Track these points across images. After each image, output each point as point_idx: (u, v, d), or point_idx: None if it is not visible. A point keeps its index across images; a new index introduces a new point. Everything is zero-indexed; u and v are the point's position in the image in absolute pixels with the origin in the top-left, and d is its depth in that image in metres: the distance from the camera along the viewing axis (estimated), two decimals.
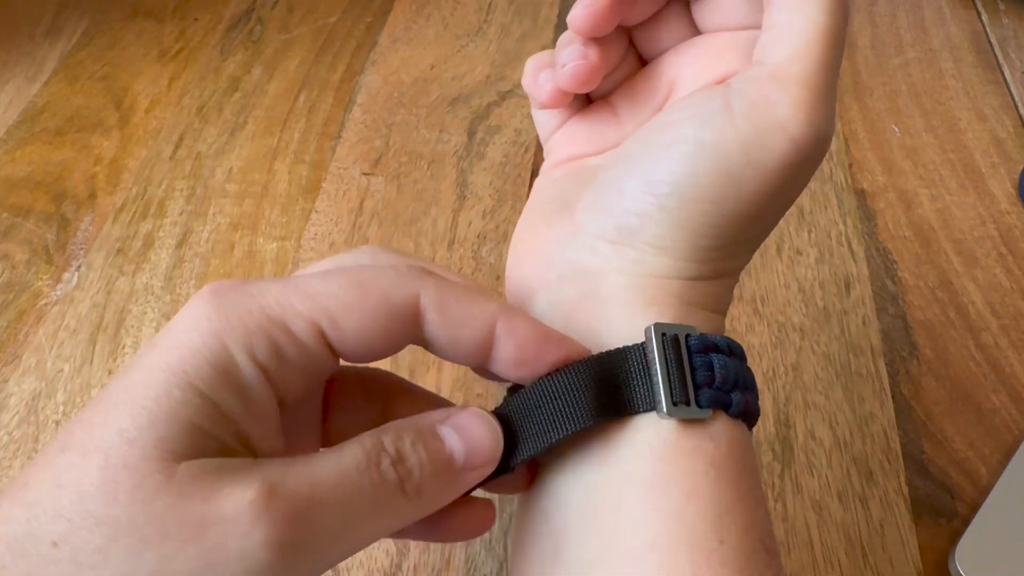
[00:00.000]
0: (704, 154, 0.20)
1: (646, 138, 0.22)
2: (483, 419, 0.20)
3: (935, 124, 0.51)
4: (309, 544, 0.16)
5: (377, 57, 0.56)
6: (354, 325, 0.18)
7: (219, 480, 0.16)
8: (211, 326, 0.17)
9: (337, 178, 0.48)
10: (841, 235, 0.45)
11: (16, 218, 0.47)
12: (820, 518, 0.34)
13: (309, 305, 0.18)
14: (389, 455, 0.18)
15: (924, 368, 0.39)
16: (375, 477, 0.17)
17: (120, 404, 0.16)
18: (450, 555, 0.33)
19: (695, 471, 0.19)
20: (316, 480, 0.17)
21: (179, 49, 0.57)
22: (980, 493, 0.35)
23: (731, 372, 0.21)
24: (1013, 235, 0.44)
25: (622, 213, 0.22)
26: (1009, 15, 0.58)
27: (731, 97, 0.21)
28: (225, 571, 0.15)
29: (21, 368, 0.40)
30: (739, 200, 0.21)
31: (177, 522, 0.15)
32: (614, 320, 0.21)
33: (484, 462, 0.19)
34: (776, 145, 0.20)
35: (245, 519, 0.15)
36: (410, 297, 0.19)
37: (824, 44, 0.20)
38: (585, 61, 0.23)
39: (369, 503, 0.17)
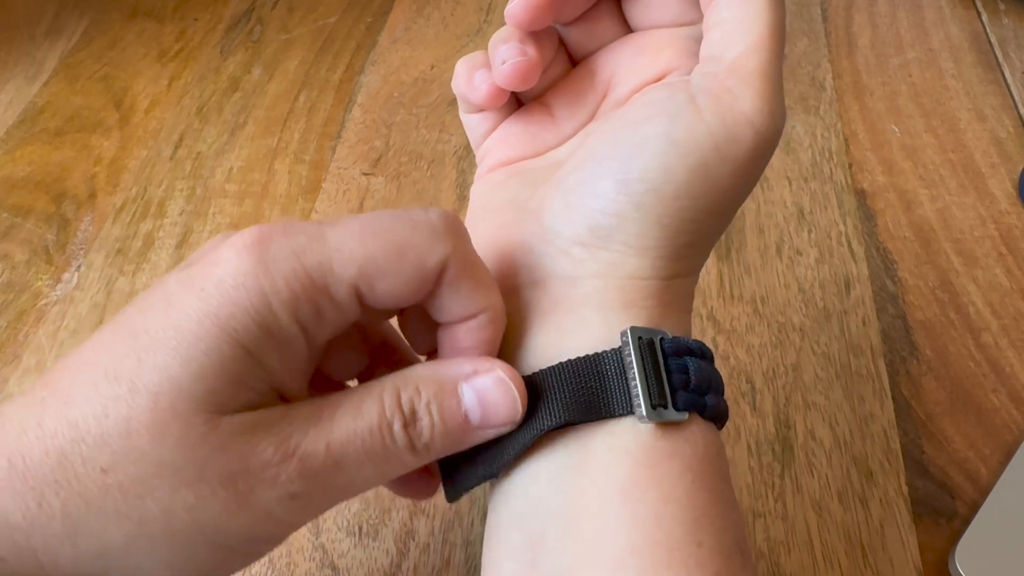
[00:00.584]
0: (677, 150, 0.20)
1: (614, 138, 0.22)
2: (506, 387, 0.20)
3: (935, 124, 0.51)
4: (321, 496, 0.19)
5: (377, 57, 0.56)
6: (389, 288, 0.19)
7: (252, 438, 0.18)
8: (259, 285, 0.18)
9: (337, 178, 0.48)
10: (841, 235, 0.45)
11: (16, 218, 0.47)
12: (820, 518, 0.34)
13: (352, 271, 0.18)
14: (403, 416, 0.19)
15: (924, 368, 0.39)
16: (387, 438, 0.19)
17: (170, 348, 0.17)
18: (450, 555, 0.33)
19: (672, 475, 0.19)
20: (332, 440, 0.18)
21: (179, 49, 0.57)
22: (980, 493, 0.35)
23: (705, 375, 0.21)
24: (1013, 235, 0.44)
25: (596, 214, 0.21)
26: (1009, 15, 0.58)
27: (695, 93, 0.21)
28: (250, 513, 0.18)
29: (21, 368, 0.40)
30: (712, 193, 0.21)
31: (212, 470, 0.17)
32: (590, 324, 0.21)
33: (499, 424, 0.20)
34: (744, 137, 0.21)
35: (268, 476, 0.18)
36: (441, 260, 0.19)
37: (774, 38, 0.21)
38: (524, 57, 0.23)
39: (379, 461, 0.19)
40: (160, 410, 0.17)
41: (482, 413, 0.20)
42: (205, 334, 0.17)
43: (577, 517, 0.19)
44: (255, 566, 0.33)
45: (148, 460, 0.17)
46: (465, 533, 0.34)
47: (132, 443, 0.17)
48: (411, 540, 0.34)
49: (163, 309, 0.18)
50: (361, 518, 0.34)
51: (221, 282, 0.18)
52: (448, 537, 0.34)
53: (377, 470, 0.19)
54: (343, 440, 0.19)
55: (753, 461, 0.36)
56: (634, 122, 0.22)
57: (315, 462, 0.18)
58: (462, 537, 0.34)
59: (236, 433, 0.18)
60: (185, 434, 0.17)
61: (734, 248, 0.44)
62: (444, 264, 0.19)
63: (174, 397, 0.17)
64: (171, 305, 0.18)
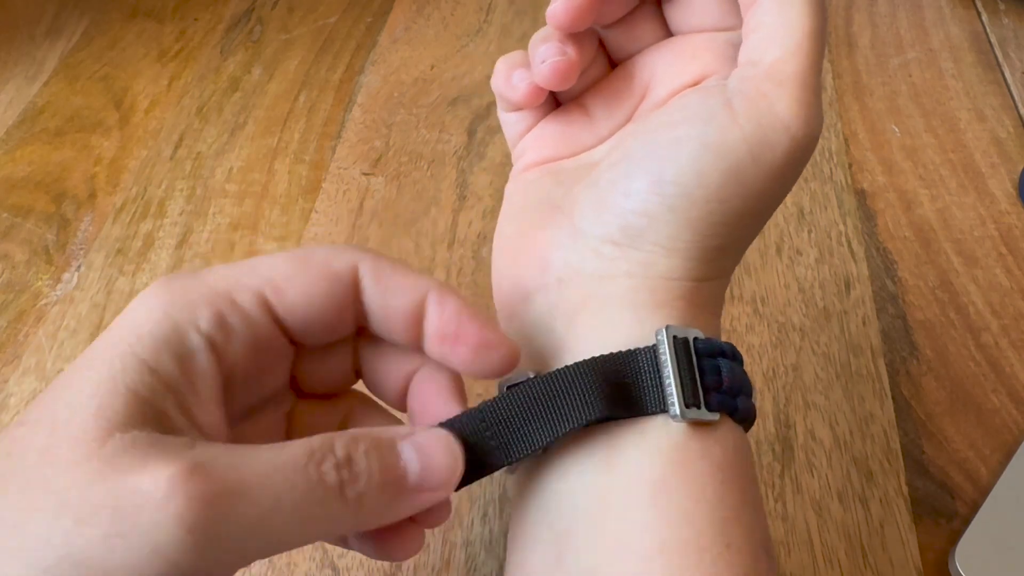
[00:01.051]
0: (710, 153, 0.20)
1: (649, 139, 0.22)
2: (447, 444, 0.19)
3: (935, 124, 0.51)
4: (225, 531, 0.16)
5: (377, 57, 0.56)
6: (297, 292, 0.19)
7: (148, 454, 0.16)
8: (157, 302, 0.18)
9: (337, 178, 0.48)
10: (841, 235, 0.45)
11: (16, 218, 0.47)
12: (820, 518, 0.34)
13: (253, 276, 0.19)
14: (336, 458, 0.17)
15: (924, 368, 0.39)
16: (312, 476, 0.17)
17: (72, 381, 0.17)
18: (450, 555, 0.33)
19: (703, 474, 0.19)
20: (246, 467, 0.16)
21: (179, 49, 0.57)
22: (980, 493, 0.35)
23: (737, 377, 0.21)
24: (1013, 235, 0.44)
25: (628, 214, 0.21)
26: (1009, 15, 0.58)
27: (731, 97, 0.21)
28: (134, 543, 0.15)
29: (21, 368, 0.40)
30: (745, 198, 0.21)
31: (95, 493, 0.15)
32: (622, 322, 0.21)
33: (437, 486, 0.19)
34: (779, 142, 0.20)
35: (160, 493, 0.15)
36: (349, 265, 0.19)
37: (813, 43, 0.21)
38: (564, 57, 0.23)
39: (300, 501, 0.17)
40: (55, 435, 0.16)
41: (421, 471, 0.18)
42: (98, 356, 0.17)
43: (605, 514, 0.19)
44: (255, 566, 0.33)
45: (34, 488, 0.16)
46: (465, 533, 0.34)
47: (24, 473, 0.16)
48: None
49: (79, 358, 0.18)
50: None
51: (125, 314, 0.18)
52: (448, 537, 0.34)
53: (302, 517, 0.17)
54: (260, 470, 0.16)
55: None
56: (669, 124, 0.22)
57: (220, 485, 0.15)
58: (462, 537, 0.34)
59: (128, 448, 0.16)
60: (72, 452, 0.16)
61: None
62: (353, 268, 0.19)
63: (67, 420, 0.16)
64: (86, 351, 0.18)
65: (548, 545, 0.20)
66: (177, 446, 0.16)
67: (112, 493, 0.15)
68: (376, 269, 0.20)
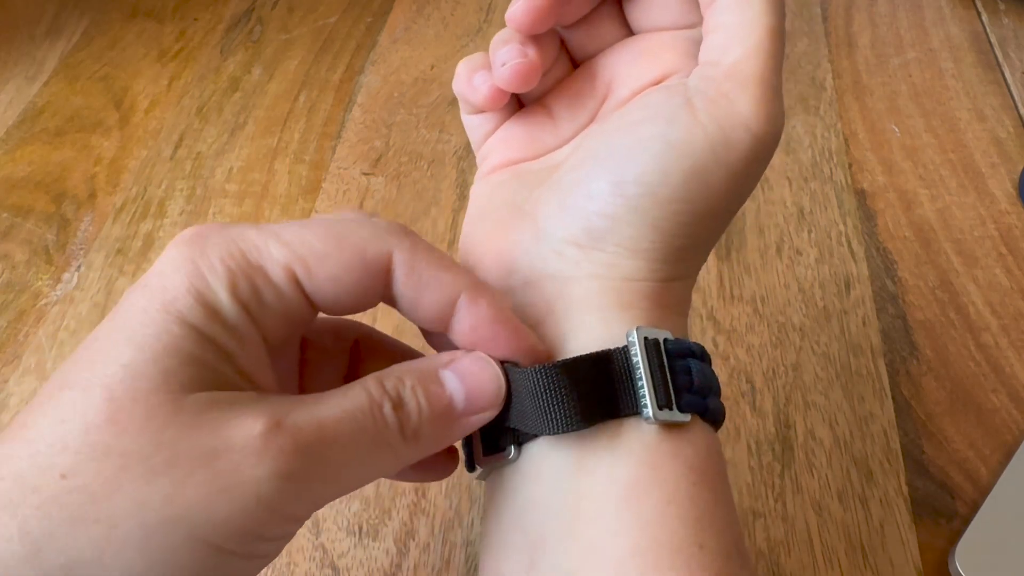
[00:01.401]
0: (673, 153, 0.21)
1: (610, 139, 0.22)
2: (487, 365, 0.20)
3: (935, 124, 0.51)
4: (313, 477, 0.17)
5: (377, 57, 0.56)
6: (327, 274, 0.18)
7: (227, 412, 0.16)
8: (196, 267, 0.17)
9: (337, 178, 0.48)
10: (841, 235, 0.45)
11: (16, 218, 0.47)
12: (820, 518, 0.34)
13: (286, 252, 0.18)
14: (390, 398, 0.18)
15: (924, 368, 0.39)
16: (378, 419, 0.18)
17: (119, 342, 0.17)
18: (450, 555, 0.33)
19: (675, 476, 0.19)
20: (322, 417, 0.17)
21: (179, 49, 0.57)
22: (980, 493, 0.35)
23: (707, 377, 0.21)
24: (1013, 235, 0.44)
25: (591, 216, 0.21)
26: (1009, 15, 0.58)
27: (692, 96, 0.21)
28: (238, 495, 0.16)
29: (21, 368, 0.40)
30: (708, 197, 0.21)
31: (187, 451, 0.16)
32: (588, 325, 0.21)
33: (485, 406, 0.20)
34: (741, 142, 0.21)
35: (254, 449, 0.16)
36: (383, 252, 0.19)
37: (772, 42, 0.21)
38: (525, 59, 0.23)
39: (371, 443, 0.18)
40: (116, 399, 0.16)
41: (466, 396, 0.19)
42: (151, 320, 0.17)
43: (578, 518, 0.19)
44: None
45: (113, 454, 0.15)
46: (465, 533, 0.34)
47: (93, 439, 0.16)
48: (411, 540, 0.34)
49: (112, 315, 0.17)
50: (361, 518, 0.34)
51: (161, 272, 0.18)
52: (448, 537, 0.34)
53: (371, 457, 0.18)
54: (334, 418, 0.17)
55: (753, 461, 0.36)
56: (631, 124, 0.22)
57: (306, 436, 0.17)
58: (462, 537, 0.34)
59: (206, 408, 0.16)
60: (148, 416, 0.16)
61: (734, 248, 0.44)
62: (388, 256, 0.19)
63: (130, 384, 0.16)
64: (119, 309, 0.17)
65: (521, 551, 0.20)
66: (251, 402, 0.17)
67: (206, 452, 0.16)
68: (411, 261, 0.19)
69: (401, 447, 0.19)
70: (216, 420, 0.16)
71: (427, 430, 0.19)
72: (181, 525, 0.16)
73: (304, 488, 0.17)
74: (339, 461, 0.17)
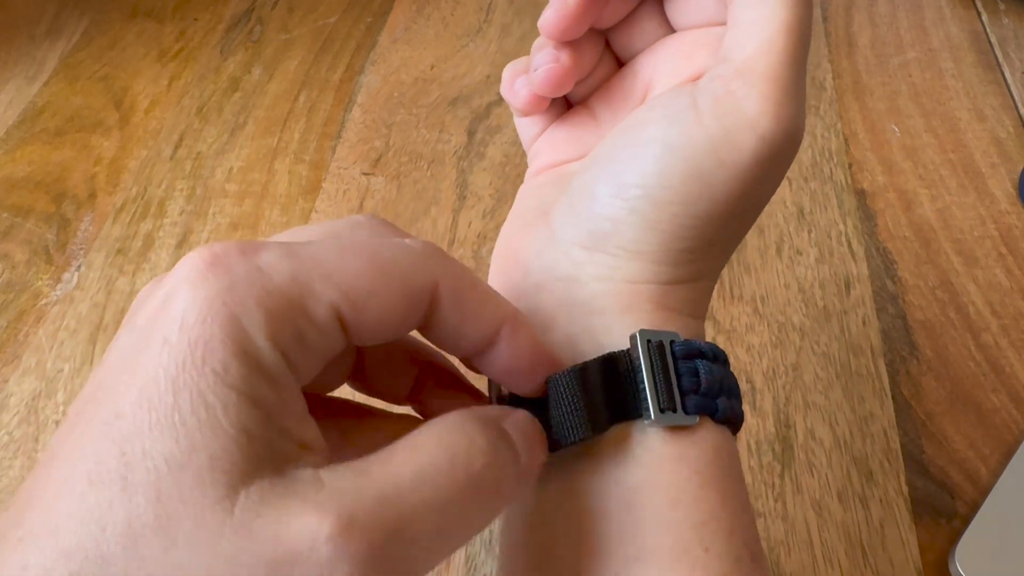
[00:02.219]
0: (673, 155, 0.20)
1: (614, 141, 0.22)
2: (536, 424, 0.19)
3: (935, 124, 0.51)
4: (398, 568, 0.15)
5: (377, 57, 0.56)
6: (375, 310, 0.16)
7: (285, 512, 0.14)
8: (227, 311, 0.14)
9: (337, 178, 0.48)
10: (841, 235, 0.45)
11: (16, 218, 0.47)
12: (820, 518, 0.34)
13: (330, 289, 0.16)
14: (470, 449, 0.16)
15: (924, 368, 0.39)
16: (460, 479, 0.15)
17: (151, 426, 0.14)
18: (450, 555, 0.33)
19: (680, 479, 0.19)
20: (396, 495, 0.15)
21: (179, 49, 0.57)
22: (980, 493, 0.35)
23: (716, 378, 0.20)
24: (1013, 235, 0.44)
25: (594, 218, 0.21)
26: (1009, 15, 0.58)
27: (697, 96, 0.21)
28: None
29: (21, 368, 0.40)
30: (711, 200, 0.20)
31: (248, 563, 0.13)
32: (592, 328, 0.21)
33: (535, 468, 0.18)
34: (745, 143, 0.20)
35: (324, 557, 0.13)
36: (430, 283, 0.17)
37: (789, 38, 0.20)
38: (557, 64, 0.23)
39: (457, 509, 0.15)
40: (163, 501, 0.13)
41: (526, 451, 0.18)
42: (183, 391, 0.14)
43: (582, 521, 0.19)
44: None
45: (164, 568, 0.13)
46: None
47: (141, 554, 0.13)
48: None
49: (128, 381, 0.14)
50: None
51: (183, 322, 0.14)
52: None
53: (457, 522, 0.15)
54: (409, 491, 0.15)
55: (753, 461, 0.36)
56: (634, 126, 0.22)
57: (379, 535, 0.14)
58: None
59: (261, 506, 0.14)
60: (199, 523, 0.13)
61: None
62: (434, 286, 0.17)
63: (175, 480, 0.13)
64: (135, 373, 0.14)
65: (531, 552, 0.20)
66: (308, 488, 0.14)
67: (266, 565, 0.13)
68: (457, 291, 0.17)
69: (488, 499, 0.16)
70: (274, 524, 0.14)
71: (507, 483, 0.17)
72: None
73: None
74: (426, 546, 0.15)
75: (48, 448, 0.15)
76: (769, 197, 0.22)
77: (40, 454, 0.37)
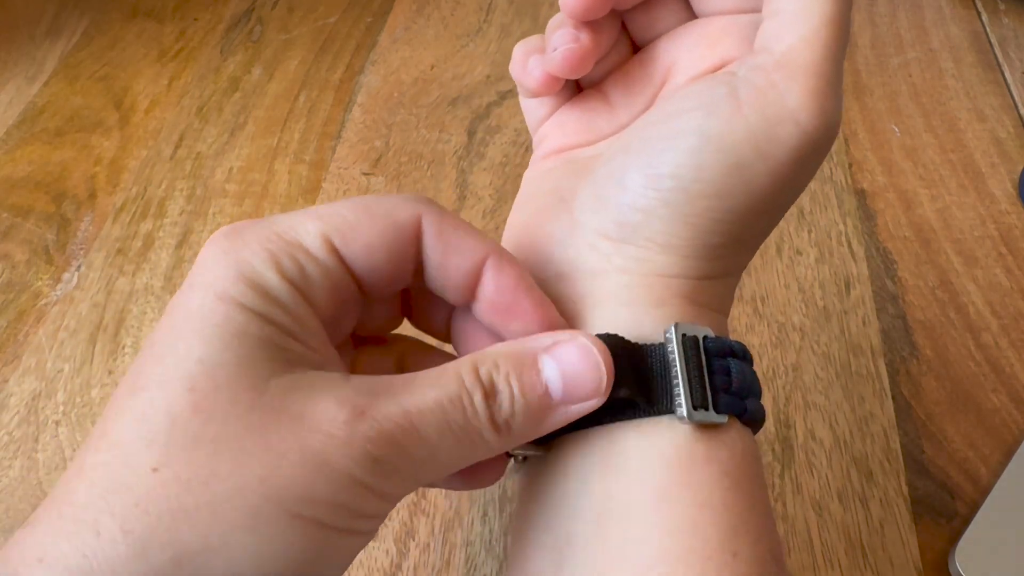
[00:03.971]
0: (711, 146, 0.20)
1: (648, 130, 0.22)
2: (589, 352, 0.19)
3: (935, 124, 0.51)
4: (402, 464, 0.17)
5: (377, 57, 0.56)
6: (363, 242, 0.18)
7: (310, 396, 0.16)
8: (238, 255, 0.17)
9: (337, 178, 0.48)
10: (841, 235, 0.45)
11: (16, 218, 0.47)
12: (820, 518, 0.34)
13: (320, 224, 0.18)
14: (482, 387, 0.18)
15: (924, 368, 0.39)
16: (468, 410, 0.17)
17: (185, 337, 0.16)
18: (450, 555, 0.33)
19: (710, 480, 0.18)
20: (408, 407, 0.17)
21: (179, 49, 0.57)
22: (980, 493, 0.35)
23: (747, 378, 0.20)
24: (1013, 235, 0.44)
25: (624, 209, 0.21)
26: (1009, 15, 0.58)
27: (737, 86, 0.20)
28: (331, 475, 0.16)
29: (21, 368, 0.40)
30: (748, 194, 0.20)
31: (277, 434, 0.16)
32: (620, 320, 0.20)
33: (584, 396, 0.19)
34: (786, 136, 0.19)
35: (341, 437, 0.16)
36: (413, 216, 0.19)
37: (831, 31, 0.20)
38: (577, 44, 0.22)
39: (459, 434, 0.17)
40: (199, 391, 0.16)
41: (564, 385, 0.18)
42: (211, 311, 0.17)
43: (606, 521, 0.19)
44: None
45: (203, 441, 0.16)
46: (465, 533, 0.34)
47: (179, 431, 0.16)
48: (411, 540, 0.34)
49: (166, 319, 0.17)
50: None
51: (204, 269, 0.17)
52: (448, 537, 0.34)
53: (458, 447, 0.18)
54: (421, 407, 0.17)
55: None
56: (670, 114, 0.21)
57: (391, 427, 0.16)
58: (462, 537, 0.34)
59: (289, 392, 0.16)
60: (233, 403, 0.16)
61: None
62: (417, 219, 0.19)
63: (209, 374, 0.16)
64: (173, 312, 0.17)
65: (549, 551, 0.19)
66: (332, 385, 0.17)
67: (296, 435, 0.16)
68: (439, 223, 0.19)
69: (492, 438, 0.18)
70: (301, 404, 0.16)
71: (519, 421, 0.18)
72: (282, 504, 0.16)
73: (393, 472, 0.17)
74: (426, 450, 0.17)
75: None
76: (799, 193, 0.21)
77: (40, 454, 0.37)
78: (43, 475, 0.36)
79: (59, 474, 0.36)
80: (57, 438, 0.37)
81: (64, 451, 0.37)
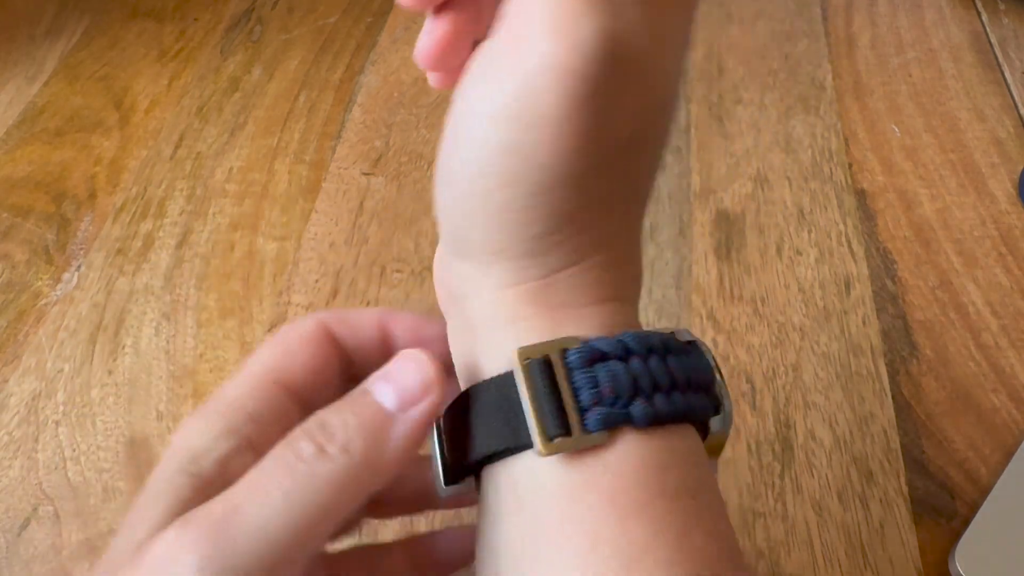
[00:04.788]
0: (474, 133, 0.17)
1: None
2: (411, 358, 0.18)
3: (935, 124, 0.51)
4: (233, 553, 0.16)
5: (377, 57, 0.56)
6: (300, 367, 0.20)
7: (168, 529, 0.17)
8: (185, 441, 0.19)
9: (337, 178, 0.48)
10: (841, 235, 0.45)
11: (16, 218, 0.47)
12: (820, 518, 0.34)
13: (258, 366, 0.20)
14: (308, 432, 0.18)
15: (924, 368, 0.39)
16: (289, 458, 0.17)
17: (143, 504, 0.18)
18: None
19: (595, 511, 0.16)
20: (231, 493, 0.17)
21: (179, 49, 0.57)
22: (980, 493, 0.35)
23: (625, 379, 0.17)
24: (1013, 235, 0.44)
25: (447, 227, 0.19)
26: (1009, 15, 0.58)
27: (484, 58, 0.17)
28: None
29: (21, 368, 0.40)
30: (536, 168, 0.16)
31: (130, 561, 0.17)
32: (485, 347, 0.19)
33: (418, 398, 0.18)
34: (545, 85, 0.16)
35: (171, 551, 0.16)
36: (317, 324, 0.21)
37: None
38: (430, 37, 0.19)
39: (292, 488, 0.16)
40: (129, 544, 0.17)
41: (397, 395, 0.18)
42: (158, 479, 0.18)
43: (519, 562, 0.17)
44: None
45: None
46: None
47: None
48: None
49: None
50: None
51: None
52: None
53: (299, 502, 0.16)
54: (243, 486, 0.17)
55: (753, 461, 0.36)
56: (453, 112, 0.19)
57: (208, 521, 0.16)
58: None
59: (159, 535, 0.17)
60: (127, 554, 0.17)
61: (734, 248, 0.44)
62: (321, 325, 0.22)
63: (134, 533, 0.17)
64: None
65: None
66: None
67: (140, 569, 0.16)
68: (336, 316, 0.21)
69: (334, 471, 0.17)
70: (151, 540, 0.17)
71: (357, 441, 0.17)
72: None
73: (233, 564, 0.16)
74: (260, 526, 0.16)
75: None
76: (632, 133, 0.17)
77: (40, 454, 0.37)
78: (43, 475, 0.36)
79: (59, 474, 0.36)
80: (57, 438, 0.37)
81: (64, 451, 0.37)
